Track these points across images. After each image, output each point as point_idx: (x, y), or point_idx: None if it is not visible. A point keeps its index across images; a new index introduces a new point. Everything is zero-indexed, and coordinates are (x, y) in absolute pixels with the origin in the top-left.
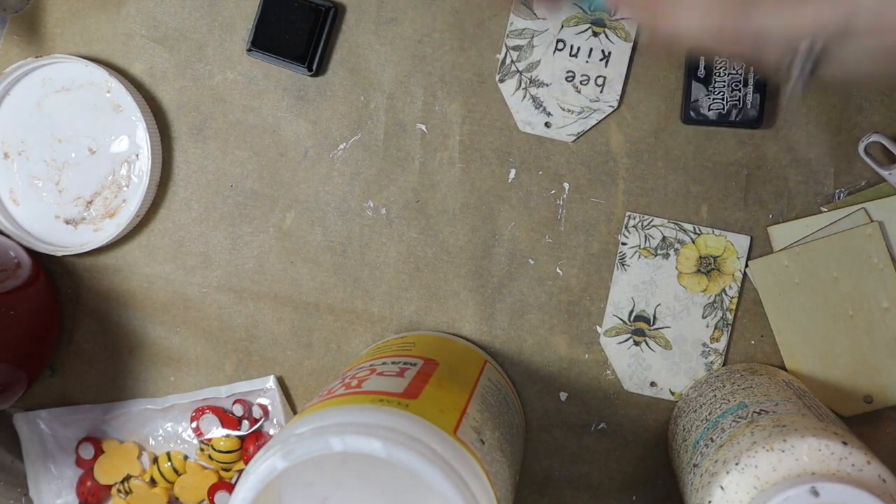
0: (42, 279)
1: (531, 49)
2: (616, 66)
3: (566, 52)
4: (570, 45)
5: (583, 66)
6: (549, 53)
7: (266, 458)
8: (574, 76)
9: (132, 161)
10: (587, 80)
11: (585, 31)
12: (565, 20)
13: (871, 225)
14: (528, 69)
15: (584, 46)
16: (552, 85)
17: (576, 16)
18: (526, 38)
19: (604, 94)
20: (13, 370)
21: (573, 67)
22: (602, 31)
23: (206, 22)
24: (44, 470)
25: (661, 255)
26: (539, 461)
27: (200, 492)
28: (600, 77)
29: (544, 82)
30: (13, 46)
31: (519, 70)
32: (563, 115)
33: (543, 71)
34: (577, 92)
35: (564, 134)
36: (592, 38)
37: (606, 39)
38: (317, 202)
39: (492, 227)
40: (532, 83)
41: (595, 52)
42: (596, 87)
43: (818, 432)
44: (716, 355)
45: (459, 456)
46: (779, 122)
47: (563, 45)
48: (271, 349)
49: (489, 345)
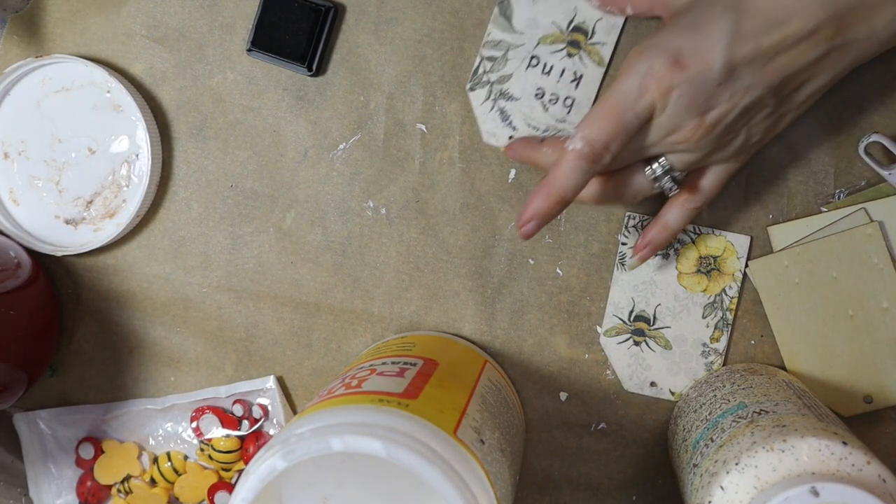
0: (42, 279)
1: (505, 62)
2: (586, 89)
3: (539, 69)
4: (543, 62)
5: (553, 86)
6: (522, 68)
7: (266, 458)
8: (543, 94)
9: (132, 161)
10: (556, 100)
11: (561, 51)
12: (542, 37)
13: (871, 225)
14: (499, 81)
15: (558, 66)
16: (521, 100)
17: (552, 34)
18: (501, 50)
19: (570, 115)
20: (13, 370)
21: (544, 85)
22: (577, 53)
23: (206, 22)
24: (44, 470)
25: (661, 255)
26: (539, 461)
27: (200, 492)
28: (569, 98)
29: (514, 96)
30: (13, 46)
31: (490, 81)
32: (527, 131)
33: (514, 85)
34: (544, 110)
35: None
36: (567, 59)
37: (580, 62)
38: (317, 202)
39: (492, 227)
40: (502, 95)
41: (567, 72)
42: (564, 107)
43: (818, 432)
44: (716, 355)
45: (459, 456)
46: None
47: (537, 62)
48: (271, 349)
49: (489, 345)
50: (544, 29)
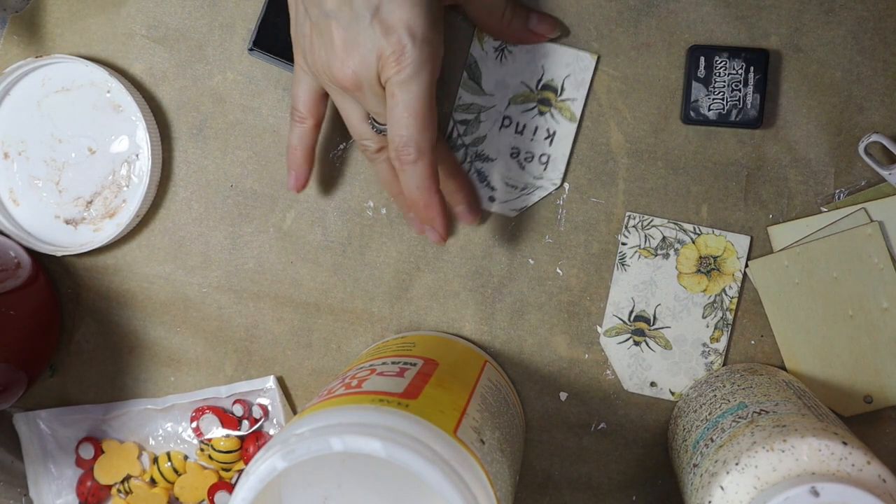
0: (42, 279)
1: (478, 124)
2: (560, 144)
3: (512, 129)
4: (516, 122)
5: (528, 144)
6: (495, 129)
7: (266, 458)
8: (519, 153)
9: (132, 161)
10: (531, 158)
11: (532, 110)
12: (513, 97)
13: (871, 225)
14: (474, 143)
15: (531, 125)
16: (497, 160)
17: (522, 94)
18: (473, 113)
19: (547, 171)
20: (13, 370)
21: (518, 144)
22: (548, 111)
23: (206, 22)
24: (44, 470)
25: (661, 255)
26: (539, 461)
27: (200, 492)
28: (544, 155)
29: (489, 157)
30: (13, 46)
31: (465, 144)
32: (506, 190)
33: (489, 146)
34: (521, 168)
35: (508, 209)
36: (538, 117)
37: (552, 118)
38: (317, 202)
39: (492, 228)
40: (478, 157)
41: (540, 130)
42: (540, 164)
43: (818, 432)
44: (716, 355)
45: (459, 456)
46: (779, 122)
47: (510, 122)
48: (271, 349)
49: (489, 345)
50: (514, 89)
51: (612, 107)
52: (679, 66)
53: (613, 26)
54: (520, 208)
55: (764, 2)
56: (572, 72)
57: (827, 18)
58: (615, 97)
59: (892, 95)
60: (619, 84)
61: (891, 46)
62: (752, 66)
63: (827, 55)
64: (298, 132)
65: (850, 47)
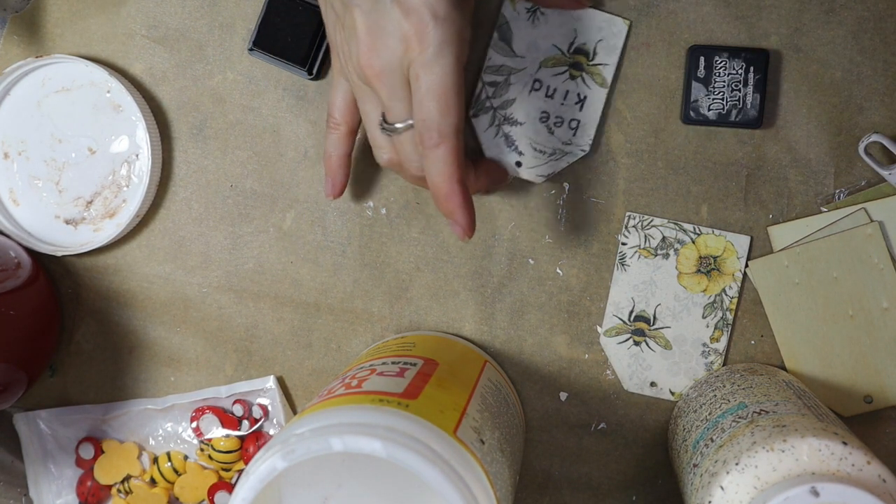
0: (42, 279)
1: (507, 87)
2: (590, 110)
3: (542, 93)
4: (546, 85)
5: (558, 108)
6: (525, 92)
7: (266, 458)
8: (548, 117)
9: (132, 161)
10: (561, 122)
11: (563, 74)
12: (543, 61)
13: (871, 225)
14: (502, 106)
15: (561, 88)
16: (526, 124)
17: (554, 57)
18: (503, 75)
19: (577, 137)
20: (13, 370)
21: (548, 108)
22: (580, 75)
23: (206, 22)
24: (44, 470)
25: (661, 255)
26: (539, 461)
27: (200, 492)
28: (574, 120)
29: (518, 121)
30: (13, 46)
31: (493, 106)
32: (534, 155)
33: (518, 109)
34: (549, 133)
35: (534, 174)
36: (569, 81)
37: (583, 83)
38: (317, 202)
39: (492, 227)
40: (506, 120)
41: (571, 94)
42: (569, 129)
43: (818, 432)
44: (716, 355)
45: (459, 456)
46: (779, 122)
47: (540, 86)
48: (271, 349)
49: (489, 345)
50: (545, 52)
51: (612, 107)
52: (679, 66)
53: None
54: (547, 174)
55: (764, 2)
56: (605, 36)
57: (827, 18)
58: (615, 97)
59: (892, 95)
60: (619, 84)
61: (891, 46)
62: (752, 66)
63: (827, 55)
64: (333, 139)
65: (850, 47)
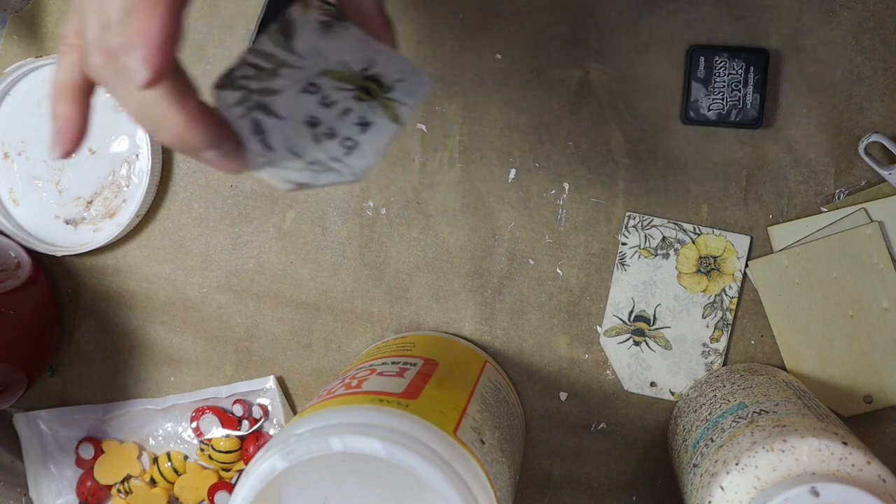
0: (42, 279)
1: (274, 77)
2: (374, 138)
3: (317, 98)
4: (324, 93)
5: (333, 121)
6: (295, 90)
7: (266, 458)
8: (318, 124)
9: (132, 161)
10: (333, 136)
11: (349, 92)
12: (328, 71)
13: (871, 225)
14: (261, 92)
15: (343, 104)
16: (286, 121)
17: (341, 73)
18: (271, 65)
19: (349, 158)
20: (13, 370)
21: (321, 116)
22: (369, 100)
23: (205, 22)
24: (44, 470)
25: (661, 255)
26: (539, 461)
27: (200, 492)
28: (350, 140)
29: (278, 114)
30: (13, 46)
31: (250, 88)
32: (286, 157)
33: (281, 104)
34: (315, 142)
35: (281, 178)
36: (354, 102)
37: (370, 111)
38: (317, 202)
39: (492, 227)
40: (261, 108)
41: (353, 114)
42: (341, 146)
43: (818, 432)
44: (716, 355)
45: (459, 456)
46: (779, 122)
47: (316, 90)
48: (271, 349)
49: (489, 345)
50: (332, 64)
51: (612, 107)
52: (679, 66)
53: (613, 26)
54: (298, 182)
55: (764, 2)
56: (407, 79)
57: (827, 18)
58: (615, 97)
59: (892, 95)
60: (619, 84)
61: (891, 46)
62: (752, 66)
63: (827, 55)
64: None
65: (850, 47)
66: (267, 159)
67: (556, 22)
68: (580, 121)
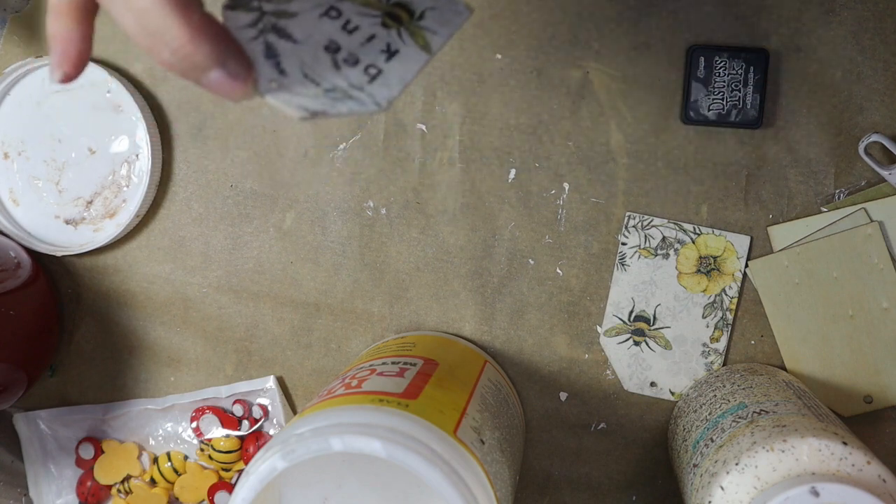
0: (42, 279)
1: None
2: (401, 67)
3: (339, 23)
4: (347, 18)
5: (355, 46)
6: (314, 14)
7: (266, 458)
8: (339, 49)
9: (132, 161)
10: (354, 62)
11: (374, 18)
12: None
13: (871, 225)
14: (277, 14)
15: (367, 29)
16: (302, 45)
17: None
18: None
19: (372, 87)
20: (13, 370)
21: (341, 42)
22: (395, 28)
23: None
24: (44, 470)
25: (661, 255)
26: (539, 461)
27: (200, 492)
28: (374, 67)
29: (293, 37)
30: (13, 46)
31: (263, 9)
32: (302, 83)
33: (297, 26)
34: (335, 67)
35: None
36: (380, 28)
37: (397, 37)
38: (317, 202)
39: (492, 227)
40: (275, 31)
41: (378, 41)
42: (364, 74)
43: (818, 432)
44: (716, 355)
45: (459, 456)
46: (779, 122)
47: (338, 15)
48: (271, 349)
49: (489, 345)
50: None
51: (612, 107)
52: (679, 66)
53: (613, 26)
54: (314, 110)
55: (764, 2)
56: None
57: (827, 18)
58: (615, 97)
59: (892, 95)
60: (619, 84)
61: (891, 46)
62: (752, 66)
63: (827, 55)
64: None
65: (850, 47)
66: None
67: (556, 22)
68: (580, 121)
